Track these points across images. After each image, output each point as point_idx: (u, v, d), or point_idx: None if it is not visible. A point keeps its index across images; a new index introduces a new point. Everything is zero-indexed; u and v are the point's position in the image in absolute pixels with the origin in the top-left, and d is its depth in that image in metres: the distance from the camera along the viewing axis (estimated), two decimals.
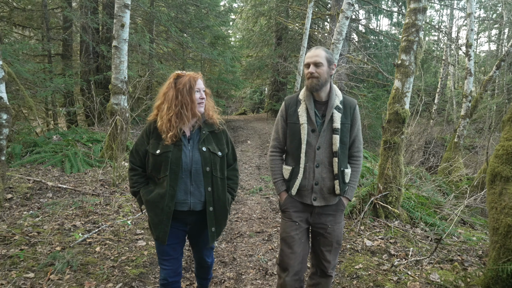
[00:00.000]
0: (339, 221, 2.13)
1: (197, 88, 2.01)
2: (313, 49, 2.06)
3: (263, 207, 4.77)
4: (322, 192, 2.06)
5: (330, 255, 2.12)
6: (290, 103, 2.15)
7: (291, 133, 2.12)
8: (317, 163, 2.05)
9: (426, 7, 3.95)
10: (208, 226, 2.02)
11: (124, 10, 5.79)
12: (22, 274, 2.69)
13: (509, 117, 2.65)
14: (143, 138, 2.06)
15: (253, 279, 2.93)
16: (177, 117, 1.96)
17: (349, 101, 2.13)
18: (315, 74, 1.99)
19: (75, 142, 6.87)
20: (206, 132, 2.06)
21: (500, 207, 2.50)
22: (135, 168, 2.07)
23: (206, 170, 2.00)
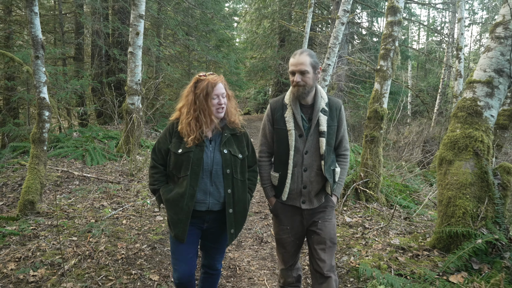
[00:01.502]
0: (329, 217, 2.16)
1: (215, 94, 1.99)
2: (297, 55, 2.02)
3: (262, 193, 5.51)
4: (310, 195, 2.11)
5: (325, 254, 2.11)
6: (276, 107, 2.16)
7: (278, 138, 2.13)
8: (305, 167, 2.09)
9: (401, 20, 4.66)
10: (227, 228, 2.04)
11: (139, 20, 6.57)
12: (67, 238, 3.44)
13: (454, 113, 3.36)
14: (165, 136, 2.10)
15: (251, 245, 3.67)
16: (196, 121, 1.99)
17: (334, 102, 2.14)
18: (301, 82, 2.00)
19: (93, 138, 7.66)
20: (228, 135, 2.07)
21: (444, 184, 3.21)
22: (157, 166, 2.10)
23: (226, 172, 2.02)
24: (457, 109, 3.35)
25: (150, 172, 2.13)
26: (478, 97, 3.22)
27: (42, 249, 3.19)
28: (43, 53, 4.06)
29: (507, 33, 3.15)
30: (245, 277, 3.05)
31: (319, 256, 2.10)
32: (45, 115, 4.10)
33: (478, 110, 3.20)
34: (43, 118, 4.09)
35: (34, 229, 3.60)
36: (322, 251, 2.10)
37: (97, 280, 2.78)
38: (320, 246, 2.11)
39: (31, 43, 4.00)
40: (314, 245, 2.13)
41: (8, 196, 4.67)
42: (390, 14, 4.70)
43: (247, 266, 3.24)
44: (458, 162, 3.17)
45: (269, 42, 18.58)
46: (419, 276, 2.74)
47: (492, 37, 3.26)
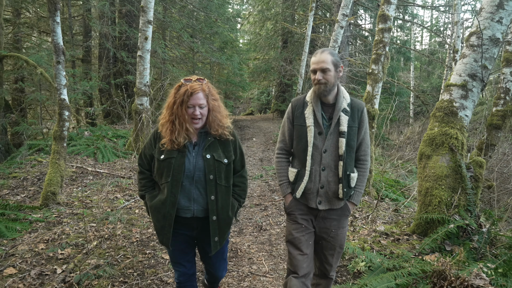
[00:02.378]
0: (343, 226, 2.16)
1: (191, 103, 1.92)
2: (319, 54, 2.03)
3: (262, 188, 5.94)
4: (327, 195, 2.08)
5: (333, 259, 2.15)
6: (297, 104, 2.17)
7: (298, 135, 2.13)
8: (323, 166, 2.06)
9: (391, 27, 5.07)
10: (211, 236, 2.01)
11: (147, 26, 7.02)
12: (87, 224, 3.89)
13: (433, 113, 3.77)
14: (150, 142, 2.08)
15: (251, 232, 4.11)
16: (172, 125, 1.95)
17: (357, 103, 2.12)
18: (323, 80, 1.99)
19: (103, 137, 8.12)
20: (212, 139, 2.02)
21: (423, 176, 3.62)
22: (144, 171, 2.10)
23: (209, 178, 1.97)
24: (436, 109, 3.76)
25: (138, 178, 2.12)
26: (454, 99, 3.63)
27: (66, 233, 3.64)
28: (63, 58, 4.52)
29: (479, 42, 3.56)
30: (246, 258, 3.48)
31: (327, 260, 2.16)
32: (65, 114, 4.56)
33: (454, 111, 3.61)
34: (63, 117, 4.55)
35: (57, 217, 4.06)
36: (331, 257, 2.15)
37: (116, 258, 3.22)
38: (329, 252, 2.15)
39: (53, 49, 4.46)
40: (324, 250, 2.16)
41: (29, 189, 5.13)
42: (381, 21, 5.11)
43: (248, 249, 3.67)
44: (435, 157, 3.58)
45: (272, 43, 19.00)
46: (397, 256, 3.15)
47: (467, 45, 3.67)
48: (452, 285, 2.55)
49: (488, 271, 2.70)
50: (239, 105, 26.91)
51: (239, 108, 26.55)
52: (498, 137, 8.88)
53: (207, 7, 12.70)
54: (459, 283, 2.55)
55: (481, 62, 3.52)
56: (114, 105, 10.70)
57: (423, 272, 2.72)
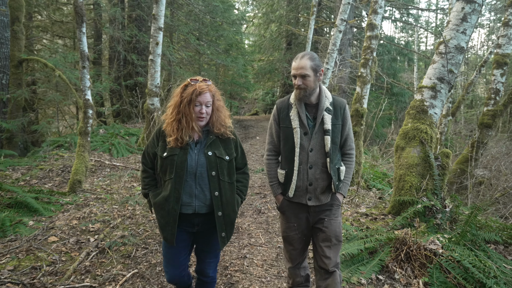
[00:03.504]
0: (335, 215, 2.24)
1: (198, 101, 2.03)
2: (298, 59, 2.11)
3: (263, 180, 6.61)
4: (315, 192, 2.19)
5: (330, 251, 2.19)
6: (281, 107, 2.26)
7: (284, 137, 2.22)
8: (310, 165, 2.16)
9: (377, 35, 5.72)
10: (218, 231, 2.09)
11: (158, 32, 7.74)
12: (110, 206, 4.60)
13: (407, 111, 4.41)
14: (153, 140, 2.17)
15: (251, 215, 4.78)
16: (178, 123, 2.04)
17: (339, 101, 2.23)
18: (302, 86, 2.10)
19: (116, 135, 8.86)
20: (213, 137, 2.12)
21: (398, 165, 4.27)
22: (147, 170, 2.19)
23: (211, 174, 2.06)
24: (410, 107, 4.40)
25: (141, 176, 2.21)
26: (425, 99, 4.27)
27: (94, 212, 4.34)
28: (88, 64, 5.23)
29: (445, 50, 4.20)
30: (246, 233, 4.15)
31: (324, 253, 2.19)
32: (89, 113, 5.27)
33: (424, 109, 4.25)
34: (87, 115, 5.27)
35: (84, 201, 4.77)
36: (328, 248, 2.20)
37: (137, 231, 3.92)
38: (325, 243, 2.20)
39: (79, 56, 5.18)
40: (320, 242, 2.22)
41: (55, 179, 5.86)
42: (369, 29, 5.76)
43: (248, 227, 4.35)
44: (408, 148, 4.23)
45: (276, 45, 19.66)
46: (372, 230, 3.80)
47: (436, 52, 4.31)
48: (410, 248, 3.21)
49: (443, 239, 3.35)
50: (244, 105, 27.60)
51: (244, 108, 27.24)
52: (489, 135, 9.49)
53: (213, 11, 13.42)
54: (416, 247, 3.20)
55: (447, 67, 4.16)
56: (125, 105, 11.47)
57: (388, 239, 3.37)
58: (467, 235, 3.43)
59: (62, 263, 3.16)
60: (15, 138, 8.93)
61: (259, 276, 3.18)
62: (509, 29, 8.97)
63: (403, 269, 3.13)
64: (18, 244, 3.41)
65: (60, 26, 13.64)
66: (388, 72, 17.73)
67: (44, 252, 3.30)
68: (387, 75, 16.45)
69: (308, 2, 18.37)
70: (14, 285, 2.75)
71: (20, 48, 9.43)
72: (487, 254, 3.39)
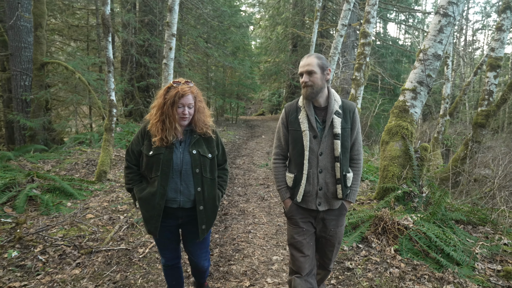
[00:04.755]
0: (341, 224, 2.29)
1: (181, 103, 2.13)
2: (305, 58, 2.15)
3: (267, 174, 7.34)
4: (326, 196, 2.19)
5: (332, 254, 2.34)
6: (290, 110, 2.27)
7: (293, 140, 2.22)
8: (320, 169, 2.16)
9: (370, 42, 6.43)
10: (198, 224, 2.25)
11: (172, 38, 8.51)
12: None
13: (392, 110, 5.11)
14: (138, 138, 2.27)
15: (255, 201, 5.52)
16: (162, 124, 2.15)
17: (348, 105, 2.22)
18: (309, 82, 2.10)
19: (131, 133, 9.66)
20: (197, 136, 2.25)
21: (383, 157, 4.97)
22: (131, 166, 2.28)
23: (195, 171, 2.20)
24: (394, 107, 5.10)
25: (125, 172, 2.32)
26: (407, 100, 4.97)
27: (120, 197, 5.12)
28: (113, 68, 6.01)
29: (425, 57, 4.89)
30: (250, 215, 4.89)
31: (326, 255, 2.35)
32: (113, 111, 6.05)
33: (406, 108, 4.95)
34: (112, 113, 6.05)
35: (110, 188, 5.55)
36: (330, 252, 2.33)
37: None
38: (329, 248, 2.32)
39: (106, 61, 5.97)
40: (324, 247, 2.33)
41: (81, 171, 6.65)
42: (362, 37, 6.47)
43: (252, 211, 5.09)
44: (391, 142, 4.93)
45: (282, 47, 20.41)
46: (358, 211, 4.51)
47: (417, 59, 5.01)
48: (387, 224, 3.92)
49: (415, 217, 4.05)
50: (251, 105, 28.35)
51: (250, 108, 27.99)
52: (483, 135, 10.14)
53: (221, 16, 14.20)
54: (391, 222, 3.91)
55: (426, 72, 4.86)
56: (138, 105, 12.30)
57: (369, 217, 4.08)
58: (437, 215, 4.12)
59: (100, 233, 3.93)
60: (37, 136, 9.78)
61: (261, 245, 3.91)
62: (502, 34, 9.60)
63: (380, 239, 3.84)
64: (62, 219, 4.19)
65: (74, 30, 14.55)
66: (392, 73, 18.36)
67: (85, 225, 4.07)
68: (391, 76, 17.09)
69: (313, 6, 19.09)
70: (66, 247, 3.52)
71: (42, 52, 10.28)
72: (453, 230, 4.08)
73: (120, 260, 3.39)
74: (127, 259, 3.42)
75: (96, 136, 8.89)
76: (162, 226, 2.23)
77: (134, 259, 3.42)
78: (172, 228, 2.31)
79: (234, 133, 13.54)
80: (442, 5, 4.84)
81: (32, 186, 4.85)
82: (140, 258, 3.46)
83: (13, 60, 10.12)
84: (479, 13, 26.66)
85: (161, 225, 2.22)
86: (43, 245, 3.50)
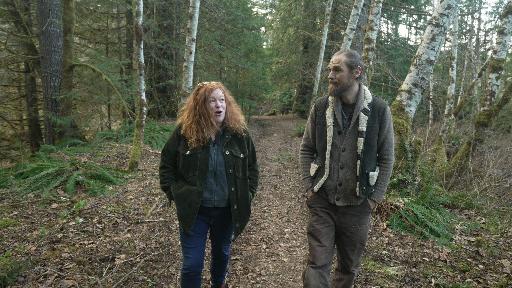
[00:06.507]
0: (363, 223, 2.26)
1: (212, 97, 2.22)
2: (336, 54, 2.19)
3: (279, 167, 8.16)
4: (345, 192, 2.19)
5: (353, 255, 2.28)
6: (319, 105, 2.32)
7: (319, 134, 2.27)
8: (342, 165, 2.17)
9: (373, 47, 7.19)
10: (233, 222, 2.32)
11: (192, 43, 9.39)
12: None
13: (389, 108, 5.87)
14: (174, 139, 2.34)
15: (269, 189, 6.35)
16: (197, 124, 2.22)
17: (379, 103, 2.21)
18: (335, 80, 2.13)
19: (153, 130, 10.59)
20: (229, 136, 2.32)
21: None
22: (167, 166, 2.35)
23: (229, 172, 2.27)
24: (392, 106, 5.86)
25: (160, 171, 2.38)
26: (403, 100, 5.73)
27: (152, 183, 5.99)
28: (143, 72, 6.90)
29: (419, 62, 5.65)
30: (265, 200, 5.72)
31: (348, 255, 2.30)
32: (143, 110, 6.95)
33: (402, 107, 5.71)
34: (142, 111, 6.94)
35: (142, 176, 6.44)
36: (352, 252, 2.28)
37: None
38: (350, 247, 2.28)
39: (137, 66, 6.86)
40: (345, 245, 2.30)
41: (113, 163, 7.56)
42: (366, 43, 7.24)
43: (267, 196, 5.91)
44: None
45: (293, 48, 21.18)
46: None
47: (412, 64, 5.77)
48: (381, 205, 4.69)
49: (407, 200, 4.82)
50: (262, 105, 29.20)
51: (262, 108, 28.84)
52: (485, 133, 10.81)
53: (235, 20, 15.07)
54: (385, 203, 4.69)
55: (419, 75, 5.62)
56: (157, 105, 13.26)
57: None
58: (426, 198, 4.89)
59: (141, 209, 4.81)
60: (65, 133, 10.78)
61: (274, 221, 4.74)
62: (503, 37, 10.25)
63: (375, 217, 4.62)
64: (107, 199, 5.07)
65: (95, 33, 15.59)
66: (402, 74, 18.96)
67: (128, 203, 4.95)
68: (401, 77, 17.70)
69: (323, 8, 19.82)
70: (117, 218, 4.40)
71: (71, 55, 11.28)
72: (439, 211, 4.84)
73: (161, 228, 4.25)
74: (166, 228, 4.28)
75: (122, 133, 9.84)
76: (196, 223, 2.32)
77: (172, 228, 4.28)
78: (204, 224, 2.39)
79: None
80: (435, 16, 5.60)
81: (78, 173, 5.76)
82: (177, 227, 4.32)
83: (44, 62, 11.11)
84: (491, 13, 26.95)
85: (195, 223, 2.32)
86: (98, 216, 4.38)
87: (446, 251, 3.78)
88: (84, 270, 3.18)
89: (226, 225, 2.46)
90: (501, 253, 3.75)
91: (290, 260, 3.62)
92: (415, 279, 3.16)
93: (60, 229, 3.96)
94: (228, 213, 2.38)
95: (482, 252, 3.77)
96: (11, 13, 13.32)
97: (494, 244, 3.97)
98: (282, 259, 3.64)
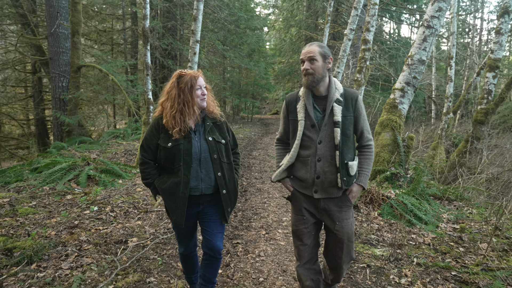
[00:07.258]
0: (347, 217, 2.27)
1: (198, 85, 2.26)
2: (307, 46, 2.19)
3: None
4: (323, 185, 2.21)
5: (342, 252, 2.29)
6: (290, 99, 2.34)
7: (292, 129, 2.32)
8: (319, 157, 2.18)
9: (370, 48, 7.55)
10: (224, 207, 2.39)
11: (196, 44, 9.78)
12: None
13: (384, 106, 6.22)
14: (153, 133, 2.33)
15: (269, 183, 6.71)
16: (181, 113, 2.24)
17: (350, 92, 2.23)
18: (310, 70, 2.13)
19: None
20: (210, 124, 2.38)
21: (376, 145, 6.09)
22: (147, 161, 2.35)
23: (214, 157, 2.32)
24: (386, 104, 6.22)
25: (141, 168, 2.37)
26: (396, 98, 6.08)
27: None
28: (150, 72, 7.30)
29: (411, 62, 6.00)
30: (265, 192, 6.09)
31: (336, 253, 2.32)
32: (150, 108, 7.34)
33: (395, 105, 6.07)
34: (149, 110, 7.34)
35: None
36: (340, 250, 2.30)
37: None
38: (338, 245, 2.30)
39: (144, 66, 7.25)
40: (332, 243, 2.33)
41: (121, 159, 7.96)
42: (363, 44, 7.59)
43: (267, 189, 6.29)
44: (383, 133, 6.05)
45: (295, 48, 21.52)
46: None
47: (405, 64, 6.12)
48: (374, 195, 5.05)
49: (398, 191, 5.17)
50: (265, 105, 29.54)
51: (265, 108, 29.19)
52: (482, 131, 11.13)
53: (238, 21, 15.47)
54: (377, 194, 5.05)
55: (412, 75, 5.97)
56: None
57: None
58: (416, 190, 5.24)
59: (149, 200, 5.19)
60: (73, 131, 11.21)
61: (273, 211, 5.11)
62: (500, 37, 10.55)
63: (367, 207, 4.98)
64: (118, 192, 5.47)
65: (100, 34, 16.04)
66: None
67: (136, 195, 5.34)
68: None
69: (325, 8, 20.15)
70: (128, 207, 4.79)
71: (79, 56, 11.70)
72: (429, 202, 5.19)
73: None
74: None
75: (129, 131, 10.25)
76: (186, 214, 2.34)
77: None
78: (193, 215, 2.44)
79: (250, 130, 14.78)
80: (426, 19, 5.94)
81: (89, 168, 6.16)
82: None
83: (52, 63, 11.53)
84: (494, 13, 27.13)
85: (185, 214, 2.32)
86: (111, 206, 4.78)
87: (431, 236, 4.13)
88: (101, 250, 3.57)
89: (215, 209, 2.46)
90: (482, 238, 4.09)
91: (287, 244, 3.98)
92: (399, 258, 3.52)
93: (77, 216, 4.35)
94: (216, 199, 2.42)
95: (465, 238, 4.12)
96: (19, 15, 13.80)
97: (476, 231, 4.31)
98: (280, 243, 4.01)
